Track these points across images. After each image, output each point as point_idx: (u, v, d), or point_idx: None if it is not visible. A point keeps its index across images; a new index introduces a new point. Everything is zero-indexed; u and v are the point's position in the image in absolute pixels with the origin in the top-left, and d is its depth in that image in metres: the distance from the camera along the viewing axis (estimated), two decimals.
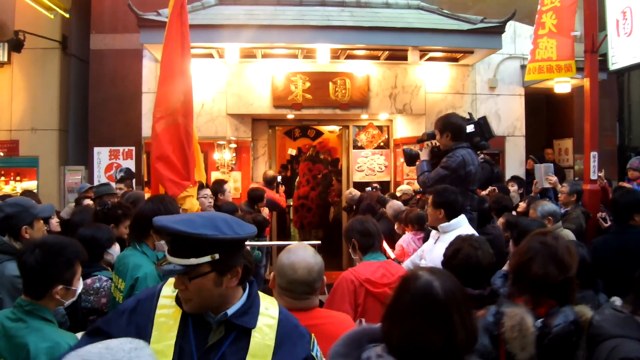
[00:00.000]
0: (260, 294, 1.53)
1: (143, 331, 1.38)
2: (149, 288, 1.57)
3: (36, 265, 1.86)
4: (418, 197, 5.80)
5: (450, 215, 3.12)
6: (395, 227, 5.08)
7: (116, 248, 2.97)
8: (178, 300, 1.42)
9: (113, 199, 4.42)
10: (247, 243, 4.89)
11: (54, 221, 3.80)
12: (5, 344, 1.79)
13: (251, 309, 1.45)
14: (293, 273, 1.81)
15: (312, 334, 1.53)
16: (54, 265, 1.89)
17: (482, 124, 3.82)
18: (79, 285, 2.01)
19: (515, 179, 6.75)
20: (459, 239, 2.35)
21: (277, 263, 1.90)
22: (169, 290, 1.46)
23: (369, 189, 6.56)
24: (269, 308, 1.49)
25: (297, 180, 9.97)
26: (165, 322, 1.40)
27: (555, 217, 3.86)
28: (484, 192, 5.13)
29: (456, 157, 3.54)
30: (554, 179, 5.45)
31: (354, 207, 6.71)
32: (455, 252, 2.23)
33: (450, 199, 3.13)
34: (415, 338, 1.22)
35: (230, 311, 1.41)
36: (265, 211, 6.20)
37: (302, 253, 1.87)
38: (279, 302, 1.89)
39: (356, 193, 6.80)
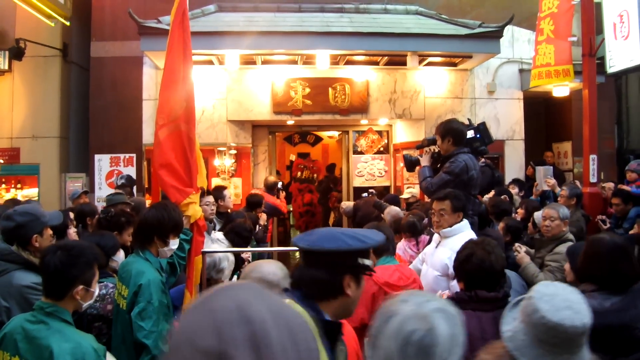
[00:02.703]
0: None
1: None
2: None
3: (60, 265, 1.88)
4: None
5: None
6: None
7: (121, 255, 2.99)
8: None
9: (126, 207, 4.39)
10: (247, 249, 4.81)
11: (72, 231, 3.70)
12: (27, 346, 1.80)
13: None
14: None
15: None
16: (76, 265, 1.92)
17: (482, 130, 3.86)
18: (96, 289, 2.03)
19: (516, 181, 6.77)
20: (472, 243, 2.33)
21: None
22: None
23: (365, 194, 6.54)
24: None
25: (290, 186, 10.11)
26: None
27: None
28: (487, 196, 5.14)
29: (459, 162, 3.56)
30: (552, 181, 5.50)
31: (353, 218, 6.68)
32: (469, 256, 2.21)
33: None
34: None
35: None
36: (263, 217, 6.20)
37: (266, 268, 1.94)
38: None
39: (349, 205, 6.78)
